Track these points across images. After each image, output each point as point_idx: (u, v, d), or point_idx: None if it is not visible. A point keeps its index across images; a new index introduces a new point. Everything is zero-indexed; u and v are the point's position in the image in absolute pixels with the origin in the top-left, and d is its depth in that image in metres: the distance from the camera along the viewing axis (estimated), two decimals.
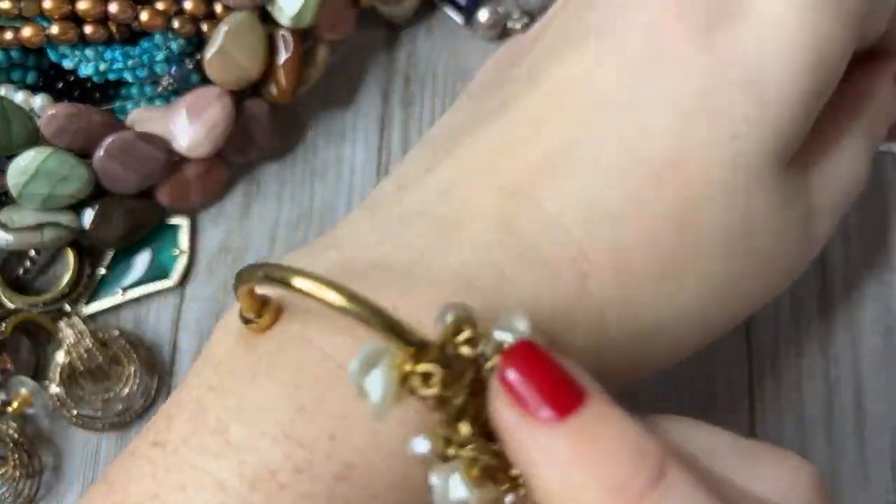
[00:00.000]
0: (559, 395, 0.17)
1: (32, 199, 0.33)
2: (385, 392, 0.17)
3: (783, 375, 0.34)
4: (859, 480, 0.33)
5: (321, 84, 0.39)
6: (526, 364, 0.17)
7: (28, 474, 0.34)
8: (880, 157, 0.37)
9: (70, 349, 0.34)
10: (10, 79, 0.35)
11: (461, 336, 0.18)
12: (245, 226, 0.37)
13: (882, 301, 0.35)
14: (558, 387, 0.17)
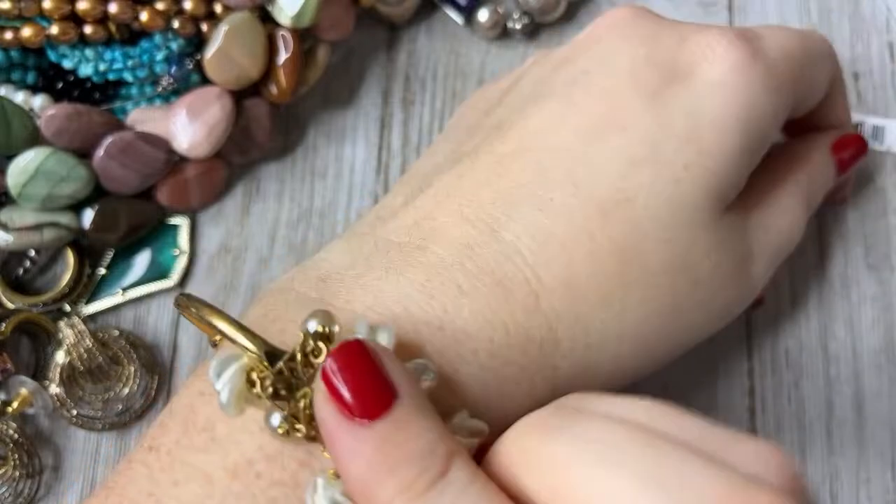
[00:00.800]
0: (371, 396, 0.18)
1: (32, 199, 0.33)
2: (230, 393, 0.21)
3: (783, 375, 0.34)
4: (859, 480, 0.33)
5: (321, 84, 0.39)
6: (346, 360, 0.19)
7: (28, 474, 0.34)
8: (880, 157, 0.37)
9: (70, 349, 0.34)
10: (10, 79, 0.35)
11: (311, 345, 0.20)
12: (245, 226, 0.37)
13: (882, 300, 0.35)
14: (372, 386, 0.19)
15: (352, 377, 0.19)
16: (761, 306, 0.35)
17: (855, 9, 0.40)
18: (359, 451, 0.18)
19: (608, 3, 0.40)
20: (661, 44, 0.27)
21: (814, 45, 0.30)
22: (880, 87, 0.38)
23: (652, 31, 0.27)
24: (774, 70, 0.27)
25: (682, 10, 0.40)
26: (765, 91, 0.27)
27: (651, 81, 0.26)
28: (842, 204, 0.36)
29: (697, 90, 0.26)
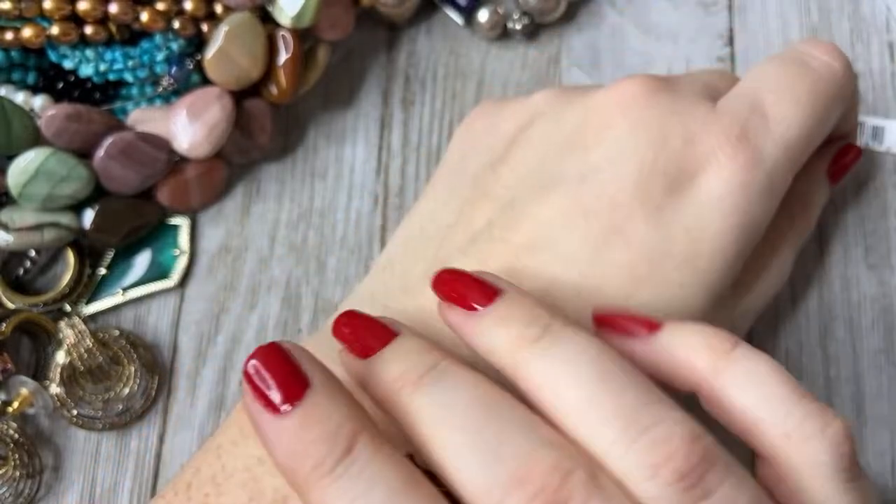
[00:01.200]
0: (285, 386, 0.20)
1: (33, 200, 0.33)
2: None
3: None
4: None
5: (321, 84, 0.39)
6: (263, 358, 0.21)
7: (28, 474, 0.34)
8: (880, 158, 0.37)
9: (70, 349, 0.34)
10: (10, 79, 0.35)
11: None
12: (245, 226, 0.37)
13: (882, 301, 0.35)
14: (286, 378, 0.20)
15: (269, 371, 0.21)
16: None
17: (855, 9, 0.40)
18: (279, 439, 0.20)
19: (608, 4, 0.40)
20: (669, 147, 0.27)
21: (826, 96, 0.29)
22: (880, 88, 0.38)
23: (661, 127, 0.28)
24: (775, 173, 0.28)
25: (682, 9, 0.40)
26: (763, 198, 0.28)
27: (656, 192, 0.27)
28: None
29: (699, 204, 0.27)
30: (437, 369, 0.21)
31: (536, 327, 0.21)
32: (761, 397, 0.21)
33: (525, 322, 0.21)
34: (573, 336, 0.21)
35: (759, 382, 0.22)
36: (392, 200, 0.38)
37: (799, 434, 0.21)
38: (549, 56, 0.40)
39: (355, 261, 0.37)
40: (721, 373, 0.22)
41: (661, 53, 0.39)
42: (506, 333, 0.21)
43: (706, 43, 0.39)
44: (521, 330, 0.21)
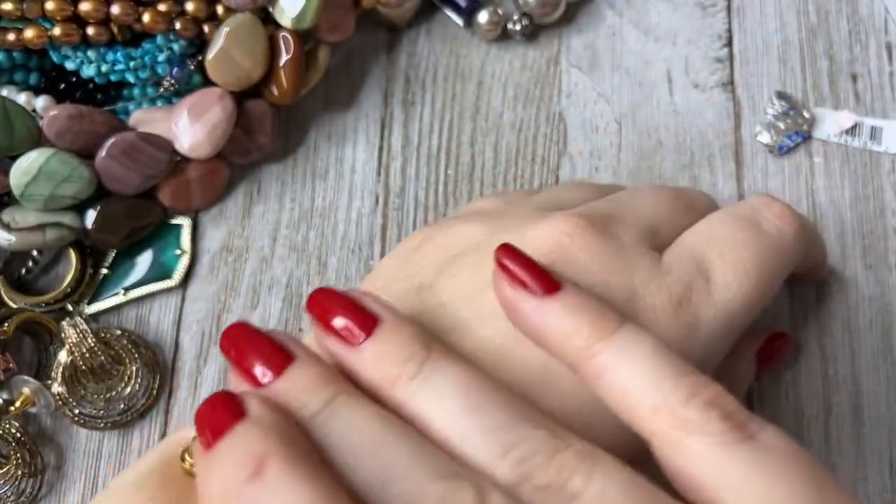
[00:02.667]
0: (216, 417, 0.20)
1: (34, 200, 0.33)
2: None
3: (782, 374, 0.35)
4: (857, 479, 0.33)
5: (322, 85, 0.39)
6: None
7: (30, 473, 0.34)
8: (878, 158, 0.37)
9: (72, 348, 0.34)
10: (12, 80, 0.35)
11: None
12: (246, 226, 0.38)
13: (880, 301, 0.35)
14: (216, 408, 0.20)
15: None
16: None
17: (853, 9, 0.40)
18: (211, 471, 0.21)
19: (607, 5, 0.41)
20: (610, 296, 0.26)
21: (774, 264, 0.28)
22: (878, 88, 0.38)
23: (603, 277, 0.26)
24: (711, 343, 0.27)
25: (681, 10, 0.40)
26: (699, 360, 0.26)
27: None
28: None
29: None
30: (330, 407, 0.21)
31: (413, 364, 0.21)
32: (632, 375, 0.21)
33: (403, 359, 0.21)
34: (446, 369, 0.21)
35: (631, 361, 0.21)
36: (392, 201, 0.38)
37: (664, 405, 0.21)
38: (548, 57, 0.40)
39: (356, 260, 0.37)
40: (596, 354, 0.22)
41: (660, 54, 0.40)
42: (384, 372, 0.21)
43: (705, 44, 0.40)
44: (399, 369, 0.21)
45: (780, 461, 0.20)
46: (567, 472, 0.20)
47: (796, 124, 0.38)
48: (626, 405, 0.21)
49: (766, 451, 0.20)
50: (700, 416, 0.20)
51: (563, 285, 0.23)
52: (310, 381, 0.21)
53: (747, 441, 0.20)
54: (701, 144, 0.38)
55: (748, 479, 0.20)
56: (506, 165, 0.38)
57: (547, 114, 0.39)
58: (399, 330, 0.22)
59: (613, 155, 0.38)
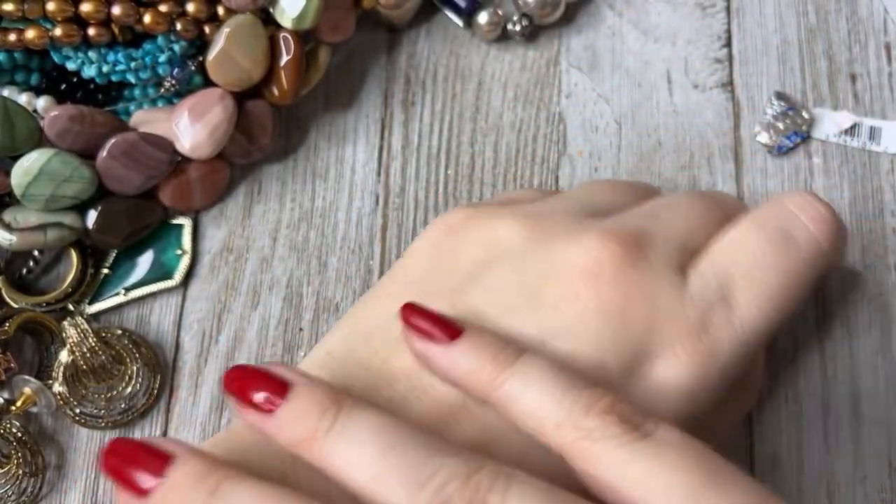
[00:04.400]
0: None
1: (36, 200, 0.33)
2: None
3: (780, 374, 0.35)
4: (856, 479, 0.33)
5: (322, 86, 0.39)
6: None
7: (31, 472, 0.34)
8: (877, 158, 0.37)
9: (73, 348, 0.34)
10: (13, 80, 0.35)
11: None
12: (247, 226, 0.38)
13: (879, 300, 0.35)
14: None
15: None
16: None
17: (852, 10, 0.40)
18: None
19: (607, 6, 0.41)
20: (630, 330, 0.26)
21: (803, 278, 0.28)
22: (877, 88, 0.39)
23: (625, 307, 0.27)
24: (730, 366, 0.27)
25: (681, 11, 0.40)
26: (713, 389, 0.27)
27: (610, 370, 0.26)
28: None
29: (649, 389, 0.26)
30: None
31: (327, 417, 0.22)
32: (535, 398, 0.23)
33: (317, 415, 0.22)
34: (358, 417, 0.22)
35: (533, 385, 0.23)
36: (393, 201, 0.38)
37: (567, 420, 0.22)
38: (548, 57, 0.40)
39: (356, 260, 0.37)
40: (502, 384, 0.24)
41: (660, 54, 0.40)
42: (302, 429, 0.22)
43: (704, 44, 0.40)
44: (314, 424, 0.22)
45: (676, 453, 0.22)
46: (483, 491, 0.21)
47: (795, 124, 0.38)
48: (535, 425, 0.23)
49: (663, 445, 0.22)
50: (600, 423, 0.22)
51: (464, 330, 0.25)
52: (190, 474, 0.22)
53: (645, 439, 0.22)
54: (700, 145, 0.38)
55: (651, 473, 0.21)
56: (506, 165, 0.38)
57: (547, 114, 0.39)
58: (309, 390, 0.23)
59: (613, 155, 0.38)
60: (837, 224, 0.29)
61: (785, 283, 0.28)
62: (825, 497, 0.33)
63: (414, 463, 0.21)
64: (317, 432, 0.22)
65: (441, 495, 0.21)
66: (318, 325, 0.36)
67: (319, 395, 0.23)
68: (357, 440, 0.22)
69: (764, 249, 0.28)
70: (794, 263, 0.28)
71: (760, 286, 0.28)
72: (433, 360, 0.25)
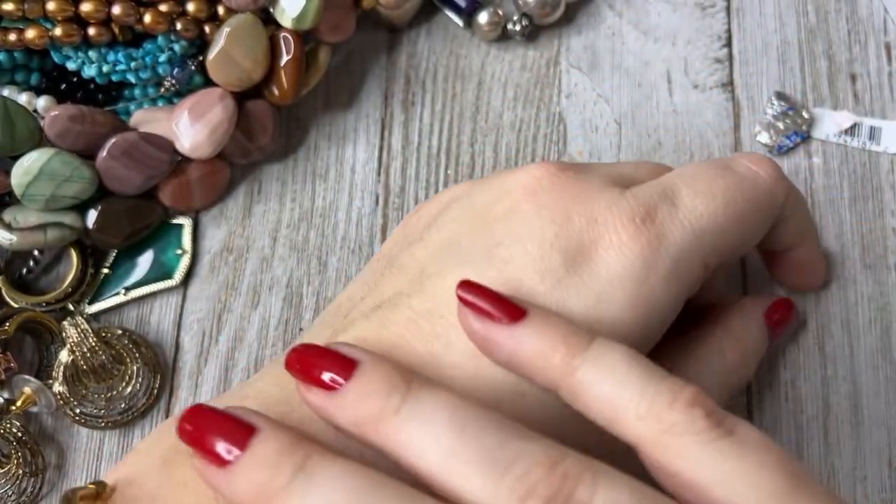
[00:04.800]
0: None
1: (36, 200, 0.33)
2: None
3: (780, 374, 0.35)
4: (856, 479, 0.33)
5: (322, 85, 0.39)
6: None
7: (31, 472, 0.34)
8: (877, 158, 0.38)
9: (73, 348, 0.34)
10: (13, 80, 0.35)
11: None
12: (247, 226, 0.38)
13: (879, 301, 0.35)
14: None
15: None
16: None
17: (852, 10, 0.40)
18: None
19: (607, 6, 0.41)
20: (570, 225, 0.27)
21: (744, 197, 0.28)
22: (877, 88, 0.39)
23: (565, 207, 0.27)
24: (681, 259, 0.27)
25: (681, 11, 0.40)
26: (667, 282, 0.27)
27: (556, 268, 0.26)
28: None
29: (599, 282, 0.26)
30: (305, 471, 0.20)
31: (396, 396, 0.21)
32: (613, 387, 0.22)
33: (385, 393, 0.21)
34: (429, 396, 0.21)
35: (611, 373, 0.22)
36: (393, 201, 0.38)
37: (649, 412, 0.21)
38: (548, 57, 0.40)
39: (356, 260, 0.37)
40: (576, 370, 0.22)
41: (660, 55, 0.40)
42: (369, 408, 0.21)
43: (704, 44, 0.40)
44: (382, 403, 0.21)
45: (759, 454, 0.21)
46: (571, 482, 0.20)
47: (795, 124, 0.38)
48: (611, 415, 0.22)
49: (746, 445, 0.21)
50: (684, 417, 0.21)
51: (528, 310, 0.24)
52: (277, 449, 0.21)
53: (728, 437, 0.21)
54: (700, 145, 0.38)
55: (735, 473, 0.20)
56: (506, 165, 0.38)
57: (547, 114, 0.39)
58: (377, 368, 0.22)
59: (613, 155, 0.38)
60: (777, 168, 0.30)
61: (728, 191, 0.28)
62: None
63: (492, 446, 0.20)
64: (384, 412, 0.21)
65: (524, 482, 0.20)
66: None
67: (386, 372, 0.22)
68: (429, 420, 0.21)
69: (707, 169, 0.29)
70: (737, 182, 0.28)
71: (704, 191, 0.28)
72: (494, 341, 0.24)
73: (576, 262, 0.26)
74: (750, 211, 0.29)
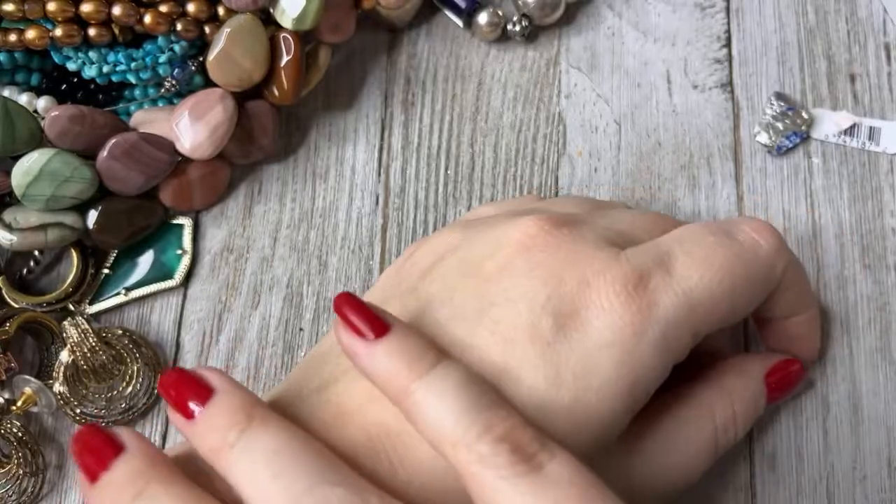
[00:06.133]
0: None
1: (36, 200, 0.33)
2: None
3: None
4: (856, 479, 0.33)
5: (322, 86, 0.39)
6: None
7: (32, 472, 0.34)
8: (876, 159, 0.38)
9: (74, 348, 0.34)
10: (14, 80, 0.35)
11: None
12: (247, 226, 0.38)
13: (878, 300, 0.35)
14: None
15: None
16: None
17: (852, 10, 0.40)
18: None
19: (607, 6, 0.41)
20: (562, 287, 0.26)
21: (743, 269, 0.28)
22: (876, 89, 0.39)
23: (557, 268, 0.27)
24: (670, 330, 0.26)
25: (680, 11, 0.40)
26: (655, 352, 0.26)
27: (547, 330, 0.26)
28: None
29: (588, 349, 0.26)
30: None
31: (234, 432, 0.23)
32: (439, 412, 0.23)
33: (226, 428, 0.23)
34: (262, 436, 0.23)
35: (440, 399, 0.23)
36: (393, 201, 0.38)
37: (461, 441, 0.22)
38: (548, 58, 0.40)
39: (356, 260, 0.37)
40: (412, 393, 0.23)
41: (659, 55, 0.40)
42: (212, 441, 0.23)
43: (704, 45, 0.40)
44: (223, 438, 0.23)
45: (562, 491, 0.22)
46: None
47: (795, 125, 0.38)
48: (435, 440, 0.23)
49: (550, 482, 0.22)
50: (490, 450, 0.22)
51: (390, 328, 0.25)
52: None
53: (532, 473, 0.22)
54: (700, 145, 0.38)
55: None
56: (506, 165, 0.38)
57: (546, 114, 0.39)
58: (228, 400, 0.23)
59: (613, 155, 0.38)
60: (779, 238, 0.29)
61: (726, 262, 0.27)
62: (825, 497, 0.33)
63: (298, 492, 0.22)
64: (223, 447, 0.23)
65: None
66: (318, 325, 0.36)
67: (235, 405, 0.23)
68: (253, 460, 0.22)
69: (706, 236, 0.28)
70: (736, 252, 0.28)
71: (703, 262, 0.27)
72: (355, 357, 0.25)
73: (566, 326, 0.26)
74: (747, 283, 0.28)
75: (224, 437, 0.23)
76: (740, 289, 0.28)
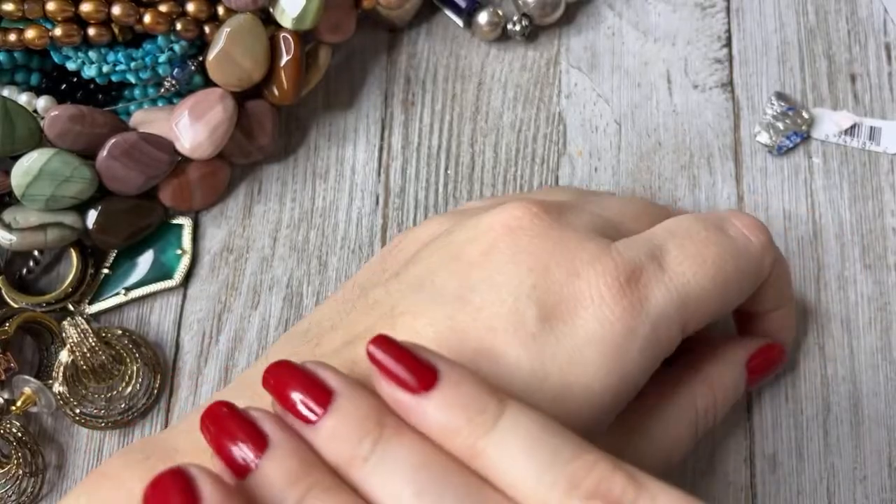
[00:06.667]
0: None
1: (36, 200, 0.33)
2: None
3: (780, 374, 0.35)
4: (856, 479, 0.33)
5: (322, 86, 0.39)
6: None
7: (31, 472, 0.34)
8: (876, 158, 0.38)
9: (73, 348, 0.34)
10: (13, 80, 0.35)
11: None
12: (247, 226, 0.38)
13: (878, 300, 0.35)
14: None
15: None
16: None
17: (852, 10, 0.40)
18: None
19: (607, 6, 0.41)
20: (550, 276, 0.26)
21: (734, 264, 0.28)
22: (877, 89, 0.39)
23: (544, 255, 0.26)
24: (660, 325, 0.26)
25: (680, 11, 0.40)
26: (645, 347, 0.26)
27: (531, 321, 0.25)
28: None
29: (576, 342, 0.25)
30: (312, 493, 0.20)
31: (367, 444, 0.21)
32: (517, 470, 0.21)
33: (357, 439, 0.21)
34: (397, 450, 0.21)
35: (512, 458, 0.21)
36: (393, 201, 0.38)
37: (547, 498, 0.20)
38: (548, 57, 0.40)
39: (356, 260, 0.37)
40: (480, 453, 0.21)
41: (659, 55, 0.40)
42: (341, 452, 0.21)
43: (704, 44, 0.40)
44: (353, 450, 0.21)
45: None
46: None
47: (795, 125, 0.38)
48: (519, 499, 0.21)
49: None
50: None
51: (439, 377, 0.22)
52: (287, 472, 0.21)
53: None
54: (700, 145, 0.38)
55: None
56: (506, 165, 0.38)
57: (547, 114, 0.39)
58: (353, 405, 0.21)
59: (613, 155, 0.38)
60: (768, 236, 0.29)
61: (717, 258, 0.27)
62: (825, 497, 0.33)
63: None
64: (355, 459, 0.21)
65: None
66: None
67: (362, 413, 0.21)
68: (392, 476, 0.20)
69: (699, 230, 0.28)
70: (727, 248, 0.28)
71: (695, 257, 0.27)
72: (402, 408, 0.22)
73: (552, 318, 0.25)
74: (737, 279, 0.28)
75: (355, 449, 0.21)
76: (731, 285, 0.28)
